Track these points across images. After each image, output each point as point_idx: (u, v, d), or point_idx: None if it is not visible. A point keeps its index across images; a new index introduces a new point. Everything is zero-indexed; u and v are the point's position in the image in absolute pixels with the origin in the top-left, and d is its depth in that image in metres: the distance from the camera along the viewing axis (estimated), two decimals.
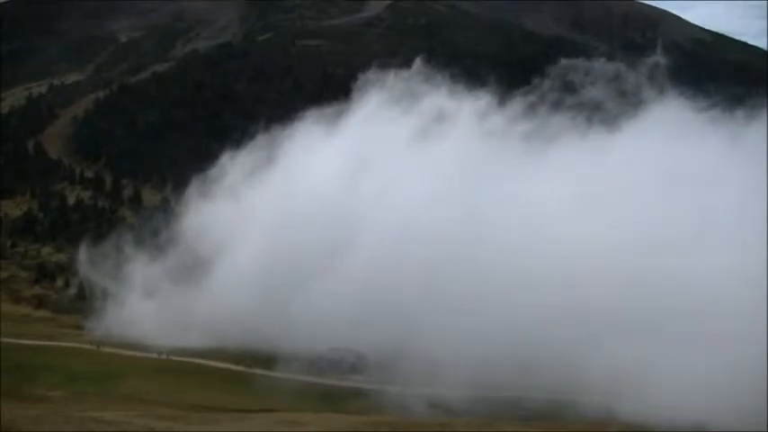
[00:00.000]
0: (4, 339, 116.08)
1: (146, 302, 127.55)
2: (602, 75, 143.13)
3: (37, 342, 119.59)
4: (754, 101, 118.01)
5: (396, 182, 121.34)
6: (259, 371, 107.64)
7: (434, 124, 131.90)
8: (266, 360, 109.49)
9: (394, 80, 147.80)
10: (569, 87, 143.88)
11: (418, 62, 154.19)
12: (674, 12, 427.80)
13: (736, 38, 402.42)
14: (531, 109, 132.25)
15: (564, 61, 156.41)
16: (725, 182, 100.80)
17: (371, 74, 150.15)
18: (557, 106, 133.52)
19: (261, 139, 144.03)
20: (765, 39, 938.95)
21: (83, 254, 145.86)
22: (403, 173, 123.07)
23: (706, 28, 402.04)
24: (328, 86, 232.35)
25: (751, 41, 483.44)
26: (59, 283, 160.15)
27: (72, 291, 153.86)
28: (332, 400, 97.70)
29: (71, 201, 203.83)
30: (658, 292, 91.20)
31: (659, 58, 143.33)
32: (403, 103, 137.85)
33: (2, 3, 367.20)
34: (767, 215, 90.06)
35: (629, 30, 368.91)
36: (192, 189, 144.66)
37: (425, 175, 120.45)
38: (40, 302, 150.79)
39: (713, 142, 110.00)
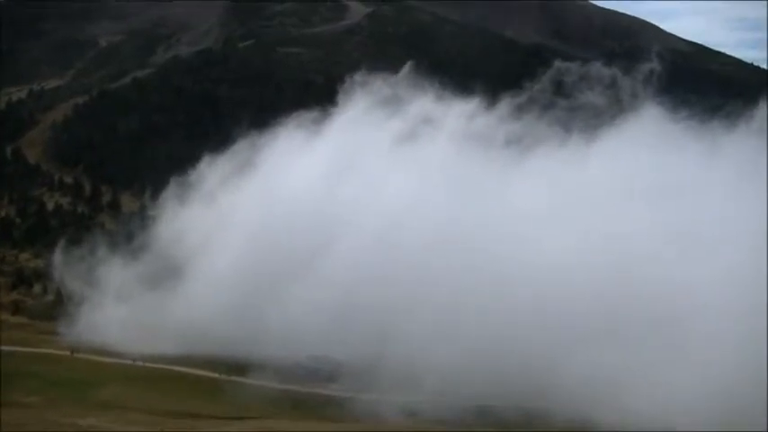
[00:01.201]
0: None
1: (122, 308, 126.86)
2: (597, 80, 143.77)
3: (14, 348, 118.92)
4: (732, 111, 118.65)
5: (376, 187, 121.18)
6: (235, 378, 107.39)
7: (417, 129, 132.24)
8: (242, 367, 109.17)
9: (377, 86, 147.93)
10: (559, 92, 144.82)
11: (407, 68, 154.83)
12: (654, 22, 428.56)
13: (715, 48, 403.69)
14: (515, 115, 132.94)
15: (558, 64, 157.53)
16: (704, 191, 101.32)
17: (356, 78, 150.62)
18: (542, 112, 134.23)
19: (241, 145, 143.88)
20: (742, 50, 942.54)
21: (60, 259, 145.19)
22: (384, 178, 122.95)
23: (685, 38, 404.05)
24: (309, 93, 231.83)
25: (729, 52, 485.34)
26: (37, 289, 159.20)
27: (50, 297, 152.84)
28: (308, 407, 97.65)
29: (50, 206, 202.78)
30: (636, 301, 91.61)
31: (654, 65, 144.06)
32: (386, 109, 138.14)
33: None
34: (750, 224, 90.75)
35: (609, 39, 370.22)
36: (171, 194, 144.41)
37: (406, 181, 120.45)
38: (17, 308, 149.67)
39: (693, 152, 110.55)
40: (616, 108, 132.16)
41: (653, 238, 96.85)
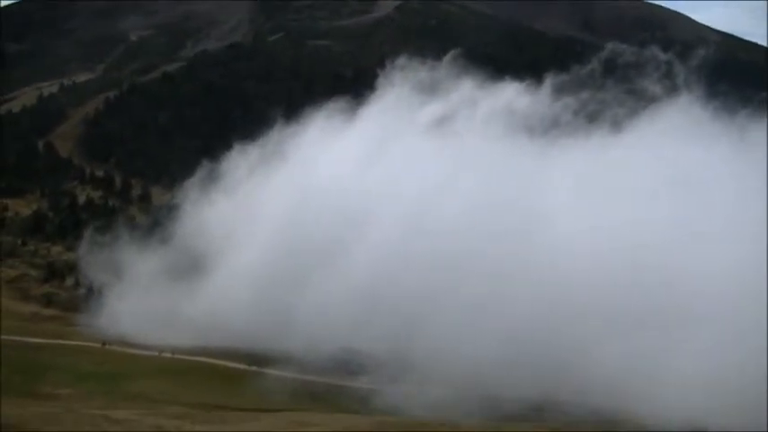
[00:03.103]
0: (14, 338, 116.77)
1: (151, 300, 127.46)
2: (632, 68, 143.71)
3: (45, 340, 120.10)
4: (763, 101, 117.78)
5: (403, 176, 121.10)
6: (263, 370, 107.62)
7: (449, 117, 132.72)
8: (270, 359, 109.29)
9: (410, 74, 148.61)
10: (595, 80, 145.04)
11: (449, 57, 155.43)
12: (685, 13, 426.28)
13: (747, 39, 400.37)
14: (550, 102, 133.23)
15: (613, 46, 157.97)
16: (733, 182, 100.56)
17: (389, 66, 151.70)
18: (580, 99, 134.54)
19: (270, 139, 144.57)
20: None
21: (91, 252, 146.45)
22: (412, 166, 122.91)
23: (716, 29, 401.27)
24: (338, 86, 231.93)
25: (762, 42, 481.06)
26: (69, 281, 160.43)
27: (82, 290, 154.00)
28: (335, 400, 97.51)
29: (81, 200, 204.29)
30: (656, 291, 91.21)
31: (707, 52, 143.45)
32: (418, 97, 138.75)
33: (12, 3, 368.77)
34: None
35: (640, 31, 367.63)
36: (199, 187, 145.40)
37: (437, 168, 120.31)
38: (49, 301, 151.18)
39: (721, 143, 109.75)
40: (648, 97, 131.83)
41: (682, 228, 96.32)
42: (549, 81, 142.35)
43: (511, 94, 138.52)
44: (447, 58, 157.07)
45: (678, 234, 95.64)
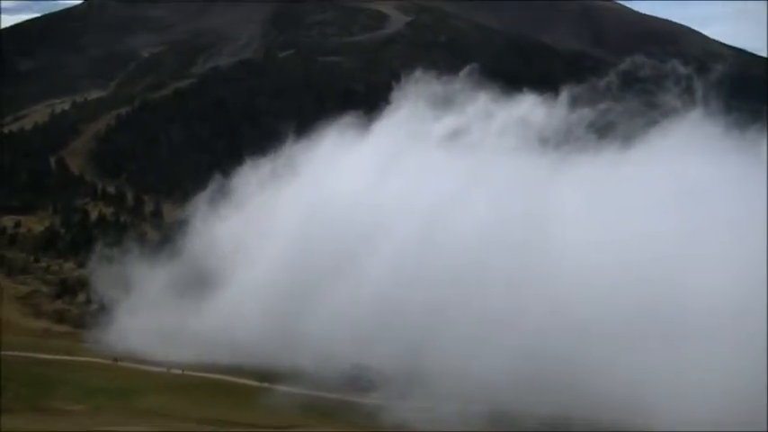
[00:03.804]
0: (25, 354, 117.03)
1: (163, 317, 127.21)
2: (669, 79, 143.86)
3: (56, 356, 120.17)
4: None
5: (416, 189, 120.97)
6: (274, 386, 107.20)
7: (460, 132, 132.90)
8: (281, 376, 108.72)
9: (423, 88, 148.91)
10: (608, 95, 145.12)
11: (465, 72, 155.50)
12: (695, 27, 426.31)
13: (757, 53, 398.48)
14: (558, 121, 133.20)
15: (633, 59, 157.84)
16: (743, 197, 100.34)
17: (403, 81, 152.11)
18: (596, 111, 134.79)
19: (281, 154, 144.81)
20: None
21: (102, 268, 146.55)
22: (425, 180, 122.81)
23: (726, 43, 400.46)
24: (349, 102, 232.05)
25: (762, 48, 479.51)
26: (80, 298, 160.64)
27: (94, 306, 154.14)
28: (349, 416, 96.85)
29: (93, 216, 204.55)
30: (665, 304, 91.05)
31: (726, 67, 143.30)
32: (431, 112, 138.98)
33: (24, 20, 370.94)
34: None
35: (650, 45, 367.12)
36: (211, 202, 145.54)
37: (447, 183, 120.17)
38: (61, 317, 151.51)
39: (731, 158, 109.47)
40: (665, 111, 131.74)
41: (690, 242, 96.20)
42: (562, 95, 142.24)
43: (524, 108, 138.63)
44: (463, 72, 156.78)
45: (686, 248, 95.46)
